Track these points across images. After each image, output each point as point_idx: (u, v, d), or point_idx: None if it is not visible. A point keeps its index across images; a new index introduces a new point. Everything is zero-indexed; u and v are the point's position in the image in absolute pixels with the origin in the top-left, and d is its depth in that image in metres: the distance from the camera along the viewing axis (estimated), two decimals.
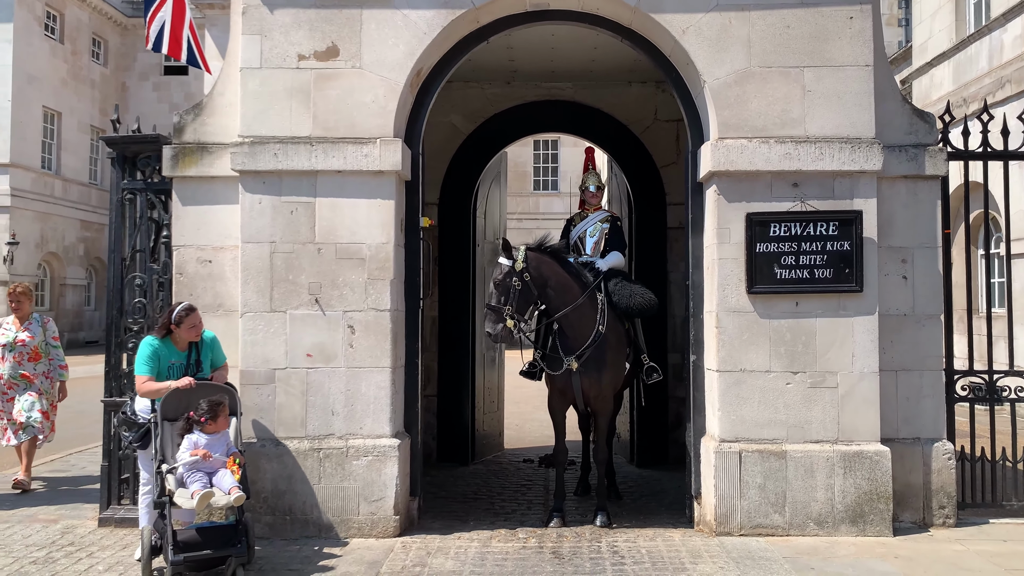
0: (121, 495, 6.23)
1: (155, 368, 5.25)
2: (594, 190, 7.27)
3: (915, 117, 6.19)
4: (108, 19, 33.15)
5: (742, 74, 5.93)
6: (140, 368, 5.28)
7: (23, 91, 27.96)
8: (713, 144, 5.91)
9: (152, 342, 5.34)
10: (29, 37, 28.36)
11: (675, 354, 8.31)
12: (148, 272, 6.29)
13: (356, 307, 5.91)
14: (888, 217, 6.05)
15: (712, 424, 6.02)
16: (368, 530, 5.80)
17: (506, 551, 5.53)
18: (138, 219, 6.33)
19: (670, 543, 5.70)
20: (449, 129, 8.85)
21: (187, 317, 5.33)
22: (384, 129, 5.95)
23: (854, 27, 5.92)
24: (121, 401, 6.03)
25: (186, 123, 6.21)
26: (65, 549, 5.61)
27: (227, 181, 6.03)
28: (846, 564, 5.21)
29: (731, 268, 5.91)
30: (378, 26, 5.98)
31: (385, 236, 5.94)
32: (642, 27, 6.22)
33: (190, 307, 5.40)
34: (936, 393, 6.12)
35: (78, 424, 11.74)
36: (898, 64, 19.75)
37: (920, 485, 6.02)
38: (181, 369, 5.34)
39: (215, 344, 5.58)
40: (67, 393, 8.16)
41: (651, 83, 8.68)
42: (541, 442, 9.58)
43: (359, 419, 5.88)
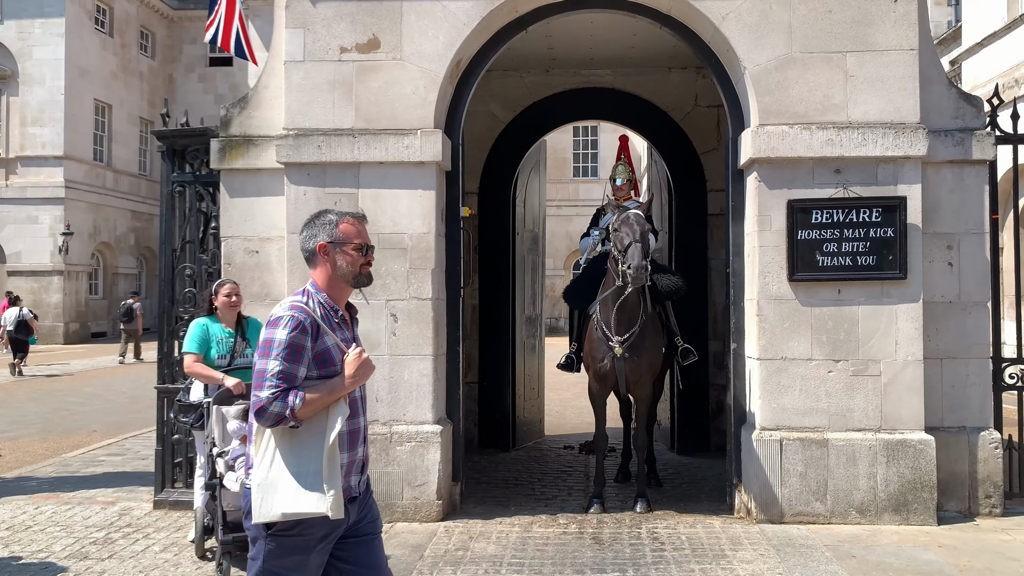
0: (175, 479, 6.44)
1: (203, 347, 5.45)
2: (621, 183, 7.26)
3: (962, 101, 6.08)
4: (155, 12, 33.78)
5: (783, 60, 5.88)
6: (188, 346, 5.50)
7: (75, 84, 28.67)
8: (754, 131, 5.88)
9: (200, 322, 5.57)
10: (80, 31, 29.04)
11: (716, 342, 8.29)
12: (197, 262, 6.46)
13: (399, 296, 6.01)
14: (933, 203, 5.96)
15: (753, 412, 6.01)
16: (412, 514, 5.92)
17: (547, 536, 5.61)
18: (187, 211, 6.50)
19: (710, 530, 5.73)
20: (488, 118, 8.90)
21: (220, 288, 5.56)
22: (424, 120, 6.03)
23: (898, 10, 5.82)
24: (174, 389, 6.25)
25: (232, 116, 6.36)
26: (123, 530, 5.83)
27: (272, 173, 6.16)
28: (888, 552, 5.19)
29: (772, 255, 5.88)
30: (418, 17, 6.04)
31: (426, 226, 6.03)
32: (681, 14, 6.19)
33: (223, 280, 5.66)
34: (983, 381, 6.03)
35: (132, 409, 12.15)
36: (947, 45, 19.25)
37: (966, 474, 5.95)
38: (229, 344, 5.52)
39: (261, 327, 5.73)
40: None
41: (691, 69, 8.62)
42: (581, 429, 9.64)
43: (402, 405, 6.00)
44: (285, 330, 2.74)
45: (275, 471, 2.73)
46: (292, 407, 2.69)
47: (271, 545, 2.76)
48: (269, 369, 2.72)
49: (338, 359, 2.83)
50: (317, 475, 2.71)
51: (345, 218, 2.93)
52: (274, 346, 2.74)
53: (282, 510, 2.69)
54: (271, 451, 2.76)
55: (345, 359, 2.83)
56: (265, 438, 2.78)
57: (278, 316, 2.79)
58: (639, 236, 5.88)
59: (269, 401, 2.69)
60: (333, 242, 2.89)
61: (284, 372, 2.71)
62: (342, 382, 2.79)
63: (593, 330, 6.46)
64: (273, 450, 2.76)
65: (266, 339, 2.78)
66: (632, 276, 5.76)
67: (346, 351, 2.85)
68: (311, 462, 2.73)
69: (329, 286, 2.92)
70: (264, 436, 2.78)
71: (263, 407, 2.70)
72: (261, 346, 2.80)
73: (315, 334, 2.79)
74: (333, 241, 2.89)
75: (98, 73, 30.04)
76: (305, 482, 2.71)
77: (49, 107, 28.07)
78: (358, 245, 2.91)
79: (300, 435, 2.76)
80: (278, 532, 2.75)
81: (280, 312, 2.80)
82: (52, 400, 13.66)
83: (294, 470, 2.72)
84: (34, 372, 18.34)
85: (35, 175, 28.08)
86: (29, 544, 5.51)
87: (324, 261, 2.90)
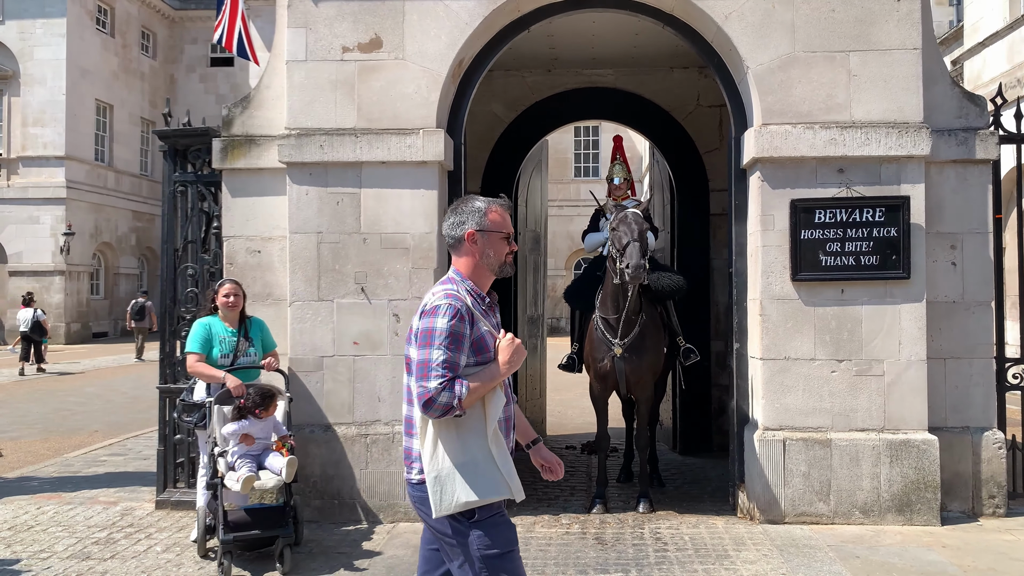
0: (176, 479, 6.43)
1: (205, 347, 5.45)
2: (618, 183, 7.26)
3: (965, 100, 6.07)
4: (156, 12, 33.79)
5: (786, 59, 5.87)
6: (190, 346, 5.50)
7: (77, 85, 28.68)
8: (757, 130, 5.87)
9: (203, 321, 5.57)
10: (81, 31, 29.05)
11: (718, 342, 8.28)
12: (199, 262, 6.46)
13: (401, 296, 6.00)
14: (937, 202, 5.95)
15: (756, 412, 6.00)
16: (414, 515, 5.91)
17: (550, 536, 5.59)
18: (189, 210, 6.50)
19: (713, 530, 5.71)
20: (490, 118, 8.90)
21: (221, 287, 5.56)
22: (427, 120, 6.02)
23: (901, 9, 5.81)
24: (176, 388, 6.25)
25: (234, 116, 6.35)
26: (125, 530, 5.82)
27: (275, 173, 6.16)
28: (892, 553, 5.18)
29: (775, 255, 5.87)
30: (420, 17, 6.03)
31: (428, 226, 6.02)
32: (684, 13, 6.18)
33: (224, 280, 5.67)
34: (986, 381, 6.02)
35: (134, 409, 12.15)
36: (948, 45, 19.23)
37: (969, 474, 5.94)
38: (231, 344, 5.51)
39: (264, 327, 5.74)
40: None
41: (693, 68, 8.61)
42: (583, 429, 9.62)
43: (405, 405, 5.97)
44: (445, 318, 2.70)
45: (445, 462, 2.70)
46: (460, 396, 2.66)
47: (480, 535, 2.74)
48: (433, 359, 2.67)
49: (491, 346, 2.80)
50: (488, 461, 2.73)
51: (493, 206, 2.90)
52: (435, 335, 2.69)
53: (465, 499, 2.69)
54: (440, 443, 2.73)
55: (498, 345, 2.80)
56: (431, 430, 2.74)
57: (435, 304, 2.74)
58: (637, 235, 5.90)
59: (438, 391, 2.65)
60: (482, 230, 2.86)
61: (448, 361, 2.67)
62: (498, 369, 2.77)
63: (593, 330, 6.45)
64: (442, 442, 2.73)
65: (425, 328, 2.72)
66: (631, 274, 5.78)
67: (498, 337, 2.82)
68: (478, 450, 2.72)
69: (474, 274, 2.88)
70: (429, 428, 2.74)
71: (432, 398, 2.65)
72: (420, 335, 2.73)
73: (471, 321, 2.75)
74: (482, 229, 2.86)
75: (99, 73, 30.05)
76: (479, 469, 2.71)
77: (50, 107, 28.07)
78: (505, 235, 2.90)
79: (462, 425, 2.73)
80: (480, 520, 2.74)
81: (437, 300, 2.75)
82: (53, 400, 13.66)
83: (463, 459, 2.70)
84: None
85: (36, 175, 28.08)
86: (31, 544, 5.50)
87: (471, 249, 2.87)
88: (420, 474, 2.78)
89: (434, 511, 2.71)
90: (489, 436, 2.74)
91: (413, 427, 2.83)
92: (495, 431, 2.75)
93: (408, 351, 2.81)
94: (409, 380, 2.81)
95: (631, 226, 5.98)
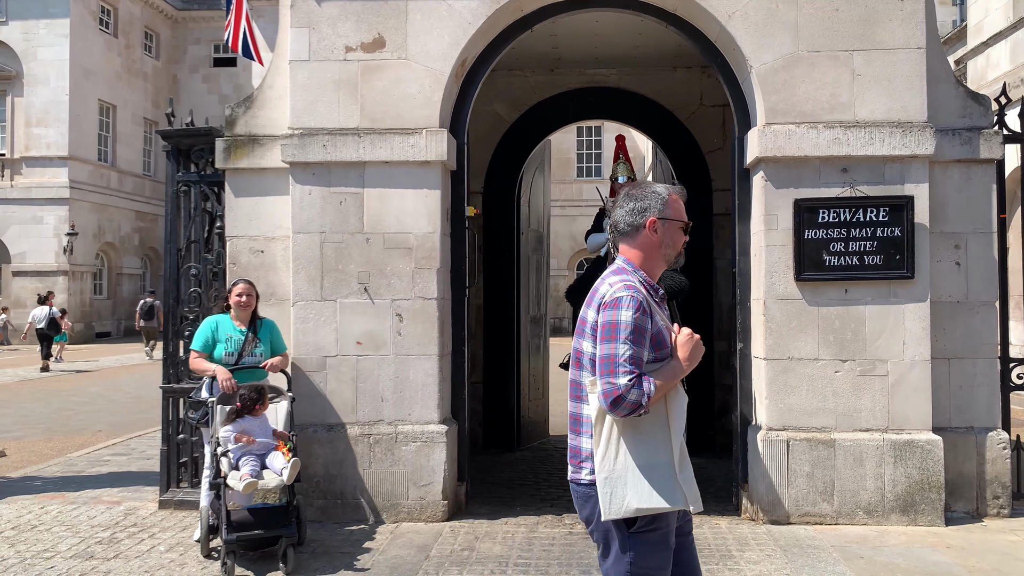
0: (180, 478, 6.43)
1: (208, 344, 5.48)
2: (623, 181, 7.24)
3: (969, 100, 6.05)
4: (159, 12, 33.85)
5: (789, 59, 5.86)
6: (193, 343, 5.58)
7: (80, 85, 28.74)
8: (760, 130, 5.86)
9: (211, 318, 5.61)
10: (85, 32, 29.10)
11: (721, 342, 8.27)
12: (202, 262, 6.46)
13: (404, 296, 6.00)
14: (941, 202, 5.93)
15: (759, 412, 5.99)
16: (417, 514, 5.91)
17: (553, 536, 5.59)
18: (192, 210, 6.50)
19: (716, 530, 5.71)
20: (493, 118, 8.89)
21: (234, 287, 5.58)
22: (430, 120, 6.02)
23: (905, 9, 5.80)
24: (179, 388, 6.26)
25: (237, 116, 6.35)
26: (128, 530, 5.83)
27: (278, 172, 6.16)
28: (896, 553, 5.17)
29: (778, 255, 5.86)
30: (423, 17, 6.03)
31: (431, 226, 6.01)
32: (687, 12, 6.17)
33: (238, 279, 5.68)
34: (990, 381, 6.00)
35: (136, 409, 12.16)
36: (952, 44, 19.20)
37: (973, 475, 5.92)
38: (238, 343, 5.52)
39: (275, 329, 5.74)
40: None
41: (696, 68, 8.60)
42: None
43: (408, 405, 5.99)
44: (629, 311, 2.53)
45: (623, 464, 2.55)
46: (648, 394, 2.50)
47: (636, 546, 2.60)
48: (620, 354, 2.51)
49: (668, 341, 2.64)
50: (668, 466, 2.57)
51: (673, 193, 2.74)
52: (620, 328, 2.52)
53: (636, 505, 2.54)
54: (616, 443, 2.57)
55: (677, 340, 2.65)
56: (606, 429, 2.59)
57: (617, 296, 2.57)
58: None
59: (627, 388, 2.48)
60: (663, 218, 2.69)
61: (635, 356, 2.52)
62: (679, 365, 2.62)
63: None
64: (618, 441, 2.57)
65: (608, 321, 2.55)
66: None
67: (675, 331, 2.68)
68: (660, 453, 2.57)
69: (647, 264, 2.72)
70: (605, 427, 2.59)
71: (621, 395, 2.49)
72: (603, 329, 2.56)
73: (650, 315, 2.60)
74: (663, 217, 2.69)
75: (102, 74, 30.10)
76: (657, 474, 2.55)
77: (54, 108, 28.14)
78: (683, 224, 2.75)
79: (643, 424, 2.58)
80: (640, 530, 2.60)
81: (618, 292, 2.58)
82: (57, 400, 13.68)
83: (644, 462, 2.55)
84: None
85: (40, 175, 28.15)
86: (35, 543, 5.51)
87: (650, 238, 2.70)
88: (591, 475, 2.63)
89: (603, 513, 2.57)
90: (673, 439, 2.59)
91: (582, 425, 2.67)
92: (677, 434, 2.60)
93: (580, 345, 2.65)
94: (578, 375, 2.66)
95: None
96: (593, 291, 2.70)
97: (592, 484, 2.63)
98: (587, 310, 2.68)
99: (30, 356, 22.52)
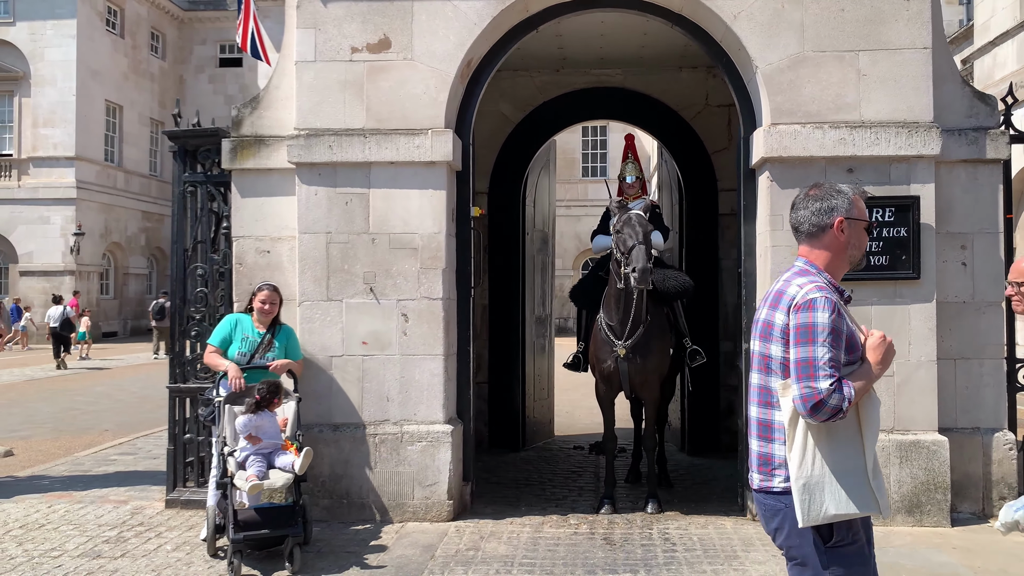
0: (186, 478, 6.46)
1: (225, 340, 5.53)
2: (631, 181, 7.22)
3: (975, 100, 6.04)
4: (166, 13, 33.94)
5: (795, 59, 5.85)
6: (211, 338, 5.63)
7: (87, 85, 28.83)
8: (766, 130, 5.86)
9: (231, 317, 5.66)
10: (91, 32, 29.20)
11: (727, 342, 8.26)
12: (209, 262, 6.48)
13: (409, 296, 6.01)
14: (947, 202, 5.92)
15: None
16: (422, 514, 5.92)
17: (558, 537, 5.60)
18: (199, 211, 6.52)
19: (722, 531, 5.70)
20: (498, 118, 8.90)
21: (260, 291, 5.61)
22: (435, 120, 6.03)
23: (911, 9, 5.79)
24: (186, 388, 6.29)
25: (243, 116, 6.37)
26: (135, 529, 5.85)
27: (284, 173, 6.17)
28: (902, 554, 5.16)
29: (784, 255, 5.84)
30: (429, 17, 6.04)
31: (437, 226, 6.03)
32: (693, 13, 6.17)
33: (267, 284, 5.69)
34: (997, 382, 5.99)
35: (143, 409, 12.20)
36: (959, 44, 19.15)
37: (979, 475, 5.91)
38: (253, 344, 5.56)
39: (292, 336, 5.77)
40: None
41: (702, 68, 8.60)
42: (591, 429, 9.62)
43: (413, 405, 6.00)
44: (825, 313, 2.48)
45: (819, 470, 2.51)
46: (849, 398, 2.45)
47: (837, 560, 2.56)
48: (819, 357, 2.46)
49: (859, 344, 2.59)
50: (862, 472, 2.54)
51: (856, 192, 2.69)
52: (817, 331, 2.47)
53: (834, 511, 2.50)
54: (811, 448, 2.52)
55: (868, 343, 2.59)
56: (800, 434, 2.54)
57: (811, 298, 2.52)
58: (642, 237, 5.86)
59: (828, 393, 2.43)
60: (850, 218, 2.64)
61: (834, 359, 2.47)
62: (871, 370, 2.56)
63: (598, 331, 6.44)
64: (813, 447, 2.52)
65: (804, 324, 2.50)
66: (637, 279, 5.73)
67: (866, 334, 2.62)
68: (853, 458, 2.54)
69: (832, 265, 2.65)
70: (799, 433, 2.54)
71: (823, 400, 2.43)
72: (798, 332, 2.51)
73: (843, 316, 2.54)
74: (851, 217, 2.63)
75: (109, 74, 30.20)
76: (852, 480, 2.52)
77: (61, 108, 28.24)
78: (868, 224, 2.70)
79: (838, 429, 2.53)
80: (837, 545, 2.56)
81: (811, 294, 2.53)
82: (63, 399, 13.73)
83: (839, 468, 2.51)
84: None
85: (47, 176, 28.26)
86: (43, 542, 5.53)
87: (837, 238, 2.63)
88: (785, 482, 2.57)
89: (800, 520, 2.53)
90: (866, 444, 2.55)
91: (774, 431, 2.62)
92: (871, 439, 2.56)
93: (768, 349, 2.61)
94: (767, 380, 2.62)
95: (635, 228, 5.92)
96: (777, 293, 2.64)
97: (785, 493, 2.58)
98: (772, 313, 2.62)
99: (38, 356, 22.62)
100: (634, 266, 5.74)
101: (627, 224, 5.98)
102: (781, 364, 2.58)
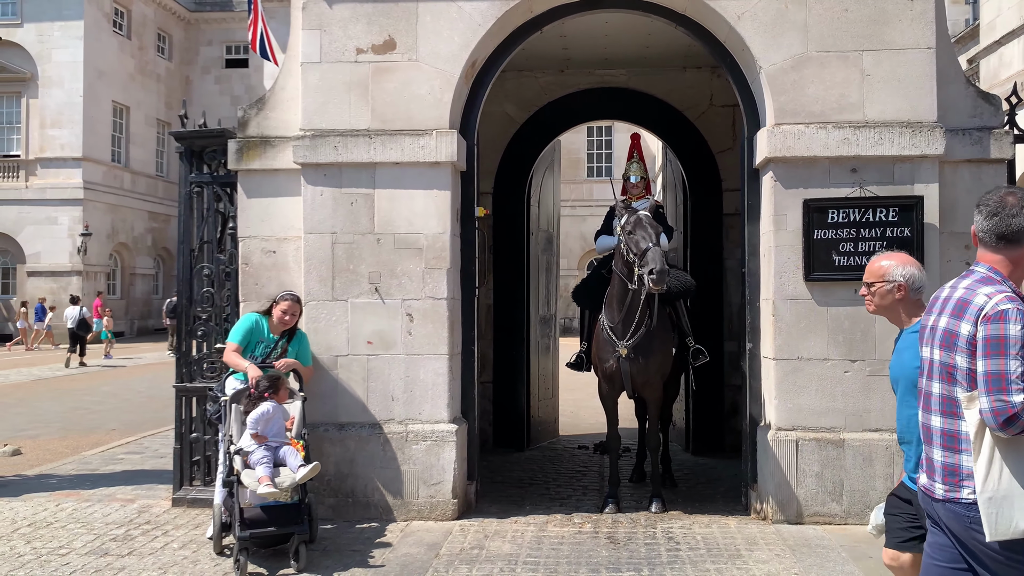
0: (193, 477, 6.50)
1: (246, 339, 5.56)
2: (635, 181, 7.22)
3: (979, 99, 6.04)
4: (172, 14, 34.06)
5: (799, 59, 5.86)
6: (232, 335, 5.64)
7: (93, 86, 28.95)
8: (769, 130, 5.87)
9: (252, 316, 5.68)
10: (98, 34, 29.32)
11: (731, 342, 8.27)
12: (215, 263, 6.52)
13: (414, 295, 6.04)
14: (951, 202, 5.92)
15: (768, 412, 6.00)
16: (427, 513, 5.95)
17: (562, 535, 5.62)
18: (205, 211, 6.56)
19: (726, 530, 5.72)
20: (503, 119, 8.92)
21: (282, 301, 5.61)
22: (440, 121, 6.05)
23: (915, 8, 5.79)
24: (192, 387, 6.33)
25: (249, 117, 6.41)
26: (142, 527, 5.89)
27: (289, 173, 6.21)
28: None
29: (788, 255, 5.86)
30: (433, 18, 6.07)
31: (441, 226, 6.05)
32: (696, 13, 6.18)
33: (286, 295, 5.67)
34: None
35: (149, 408, 12.26)
36: (964, 43, 19.11)
37: None
38: (266, 349, 5.59)
39: (304, 342, 5.79)
40: None
41: (706, 68, 8.61)
42: (595, 429, 9.63)
43: (418, 404, 6.03)
44: (1017, 325, 2.45)
45: (1008, 484, 2.49)
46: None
47: None
48: (1011, 370, 2.43)
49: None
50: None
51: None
52: (1009, 343, 2.44)
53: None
54: (999, 461, 2.51)
55: None
56: (987, 447, 2.52)
57: (1002, 309, 2.48)
58: (655, 239, 5.85)
59: (1022, 407, 2.41)
60: None
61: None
62: None
63: (600, 331, 6.45)
64: (1000, 461, 2.51)
65: (994, 336, 2.47)
66: (654, 280, 5.65)
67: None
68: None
69: (1016, 275, 2.60)
70: (985, 445, 2.52)
71: (1016, 414, 2.41)
72: (986, 344, 2.49)
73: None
74: None
75: (116, 75, 30.32)
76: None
77: (68, 109, 28.37)
78: None
79: (1021, 442, 2.51)
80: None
81: (1002, 304, 2.49)
82: (71, 399, 13.81)
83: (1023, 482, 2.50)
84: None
85: (54, 176, 28.39)
86: (51, 540, 5.58)
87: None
88: (972, 494, 2.56)
89: (988, 534, 2.51)
90: None
91: (960, 442, 2.61)
92: None
93: (951, 359, 2.59)
94: (951, 391, 2.60)
95: (648, 230, 5.87)
96: (960, 302, 2.61)
97: (973, 504, 2.57)
98: (955, 322, 2.59)
99: (46, 356, 22.74)
100: (651, 267, 5.66)
101: (639, 226, 5.94)
102: (967, 375, 2.56)
